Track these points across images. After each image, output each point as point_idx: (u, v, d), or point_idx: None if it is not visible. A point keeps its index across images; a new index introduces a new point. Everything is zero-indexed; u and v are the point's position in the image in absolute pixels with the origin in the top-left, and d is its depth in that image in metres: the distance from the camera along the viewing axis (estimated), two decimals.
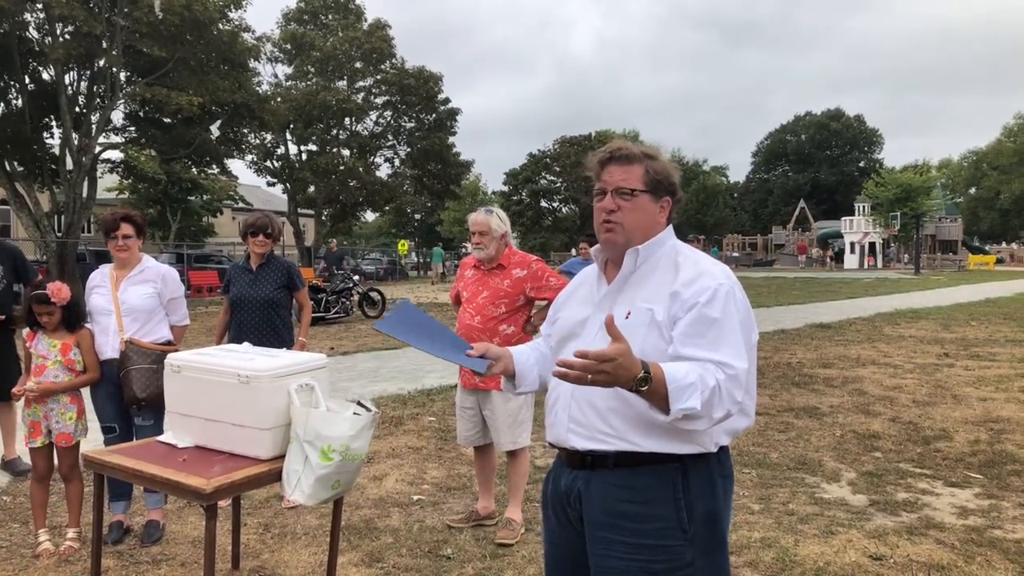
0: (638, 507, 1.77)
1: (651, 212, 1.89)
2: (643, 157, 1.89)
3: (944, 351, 10.30)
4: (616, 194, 1.86)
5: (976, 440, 5.69)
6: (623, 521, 1.78)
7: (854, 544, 3.75)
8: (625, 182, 1.86)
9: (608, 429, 1.79)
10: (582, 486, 1.85)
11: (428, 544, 3.83)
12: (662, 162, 1.91)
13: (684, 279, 1.79)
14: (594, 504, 1.83)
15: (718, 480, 1.84)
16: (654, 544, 1.76)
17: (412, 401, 7.34)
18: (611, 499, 1.80)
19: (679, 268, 1.83)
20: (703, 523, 1.79)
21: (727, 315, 1.73)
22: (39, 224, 20.93)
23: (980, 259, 48.29)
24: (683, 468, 1.78)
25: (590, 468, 1.84)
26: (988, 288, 25.24)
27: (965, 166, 74.29)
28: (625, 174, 1.87)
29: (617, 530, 1.78)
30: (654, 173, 1.88)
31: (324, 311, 15.41)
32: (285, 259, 4.96)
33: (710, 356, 1.68)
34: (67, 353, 3.76)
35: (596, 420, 1.81)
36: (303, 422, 2.63)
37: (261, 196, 47.91)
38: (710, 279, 1.77)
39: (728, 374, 1.67)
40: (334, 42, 35.44)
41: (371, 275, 33.95)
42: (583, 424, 1.83)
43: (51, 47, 19.46)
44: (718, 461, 1.85)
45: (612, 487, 1.80)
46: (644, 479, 1.78)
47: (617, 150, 1.90)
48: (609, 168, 1.89)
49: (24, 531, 4.02)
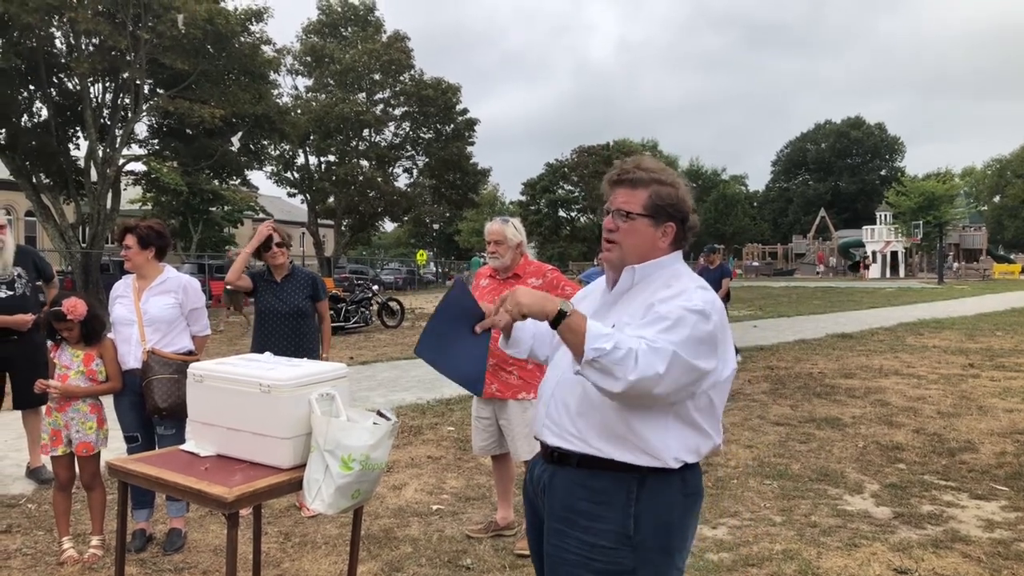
0: (593, 507, 1.86)
1: (648, 236, 1.94)
2: (651, 182, 1.94)
3: (969, 361, 10.15)
4: (616, 215, 1.95)
5: (1002, 452, 5.61)
6: (577, 517, 1.88)
7: (878, 557, 3.70)
8: (626, 205, 1.94)
9: (574, 430, 1.90)
10: (547, 479, 1.98)
11: (447, 554, 3.83)
12: (671, 189, 1.94)
13: (664, 296, 1.85)
14: (555, 497, 1.94)
15: (678, 497, 1.88)
16: (600, 544, 1.84)
17: (431, 411, 7.35)
18: (570, 495, 1.91)
19: (668, 288, 1.89)
20: (651, 535, 1.85)
21: (680, 323, 1.75)
22: (64, 235, 21.23)
23: (1005, 268, 47.64)
24: (640, 479, 1.85)
25: (557, 463, 1.95)
26: (1013, 298, 24.87)
27: (989, 174, 73.41)
28: (628, 197, 1.94)
29: (571, 524, 1.88)
30: (657, 198, 1.93)
31: (344, 320, 15.49)
32: (308, 270, 4.99)
33: (639, 332, 1.76)
34: (90, 364, 3.80)
35: (566, 420, 1.92)
36: (323, 431, 2.64)
37: (281, 207, 48.32)
38: (687, 300, 1.81)
39: (650, 345, 1.70)
40: (353, 54, 35.72)
41: (390, 285, 34.10)
42: (555, 422, 1.94)
43: (76, 61, 19.77)
44: (681, 479, 1.89)
45: (573, 485, 1.91)
46: (601, 482, 1.87)
47: (626, 172, 1.97)
48: (618, 189, 1.97)
49: (49, 539, 4.07)
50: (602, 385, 1.70)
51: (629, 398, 1.73)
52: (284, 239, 4.71)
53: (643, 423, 1.82)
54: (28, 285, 5.10)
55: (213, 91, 22.00)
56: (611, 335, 1.70)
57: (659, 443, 1.83)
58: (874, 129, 70.69)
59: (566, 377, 1.92)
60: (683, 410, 1.84)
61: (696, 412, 1.85)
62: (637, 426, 1.82)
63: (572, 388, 1.91)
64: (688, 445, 1.86)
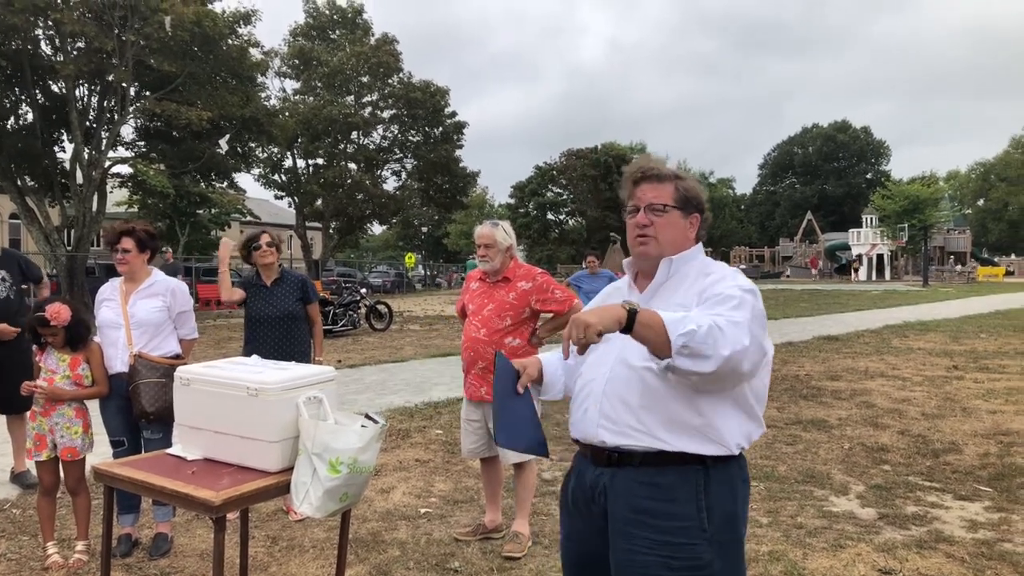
0: (661, 504, 1.83)
1: (681, 227, 2.01)
2: (672, 176, 2.02)
3: (953, 363, 10.25)
4: (649, 210, 1.99)
5: (986, 453, 5.66)
6: (646, 517, 1.84)
7: (863, 558, 3.73)
8: (657, 198, 1.99)
9: (639, 425, 1.86)
10: (607, 481, 1.91)
11: (435, 557, 3.83)
12: (690, 181, 2.04)
13: (712, 280, 1.90)
14: (619, 499, 1.88)
15: (738, 484, 1.91)
16: (675, 541, 1.81)
17: (419, 414, 7.34)
18: (636, 495, 1.86)
19: (708, 276, 1.93)
20: (722, 525, 1.85)
21: (743, 301, 1.79)
22: (49, 238, 21.06)
23: (989, 271, 48.09)
24: (705, 470, 1.85)
25: (616, 465, 1.90)
26: (997, 300, 25.11)
27: (973, 177, 74.15)
28: (657, 191, 2.00)
29: (640, 526, 1.84)
30: (684, 191, 2.01)
31: (332, 324, 15.45)
32: (298, 273, 4.96)
33: (713, 311, 1.75)
34: (76, 368, 3.78)
35: (627, 416, 1.87)
36: (311, 435, 2.64)
37: (269, 209, 48.12)
38: (734, 282, 1.86)
39: (728, 319, 1.71)
40: (341, 57, 35.64)
41: (378, 288, 34.02)
42: (614, 420, 1.89)
43: (62, 63, 19.64)
44: (738, 466, 1.92)
45: (637, 484, 1.86)
46: (668, 478, 1.84)
47: (649, 169, 2.02)
48: (642, 186, 2.02)
49: (34, 543, 4.04)
50: (694, 369, 1.67)
51: (717, 378, 1.70)
52: (275, 240, 4.69)
53: (712, 409, 1.84)
54: (13, 288, 5.07)
55: (200, 93, 21.89)
56: (688, 317, 1.68)
57: (725, 429, 1.85)
58: (860, 133, 71.28)
59: (617, 374, 1.91)
60: (741, 396, 1.87)
61: (752, 397, 1.89)
62: (708, 412, 1.83)
63: (629, 383, 1.88)
64: (744, 431, 1.89)
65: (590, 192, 48.26)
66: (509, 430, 2.00)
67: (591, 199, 48.29)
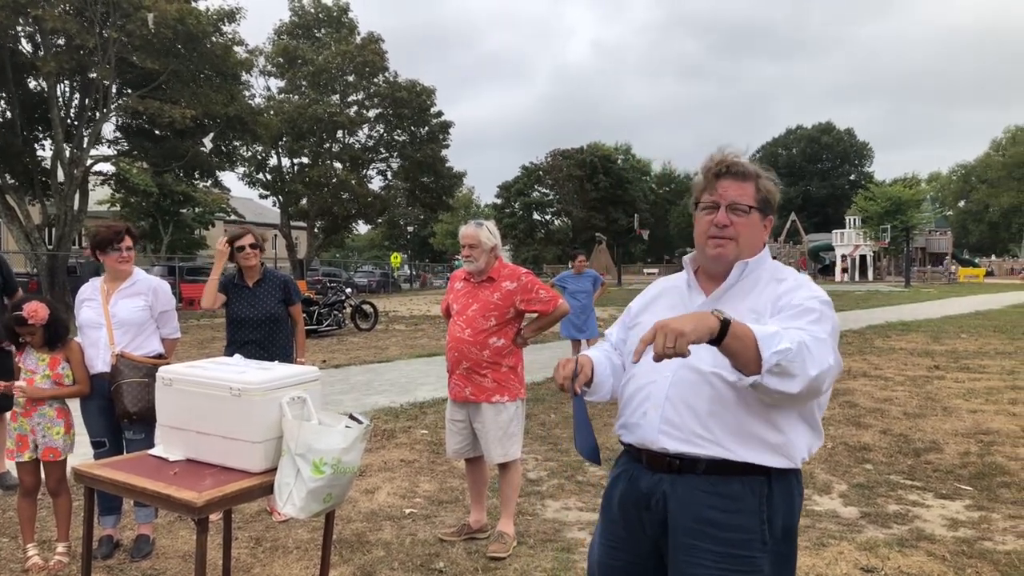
0: (725, 515, 1.77)
1: (759, 230, 1.91)
2: (755, 175, 1.91)
3: (934, 363, 10.34)
4: (730, 210, 1.87)
5: (966, 452, 5.72)
6: (710, 528, 1.77)
7: (845, 556, 3.76)
8: (741, 198, 1.87)
9: (706, 433, 1.78)
10: (668, 489, 1.82)
11: (420, 558, 3.82)
12: (770, 181, 1.93)
13: (788, 288, 1.83)
14: (682, 509, 1.80)
15: (796, 496, 1.86)
16: (737, 553, 1.75)
17: (404, 414, 7.32)
18: (700, 505, 1.78)
19: (781, 283, 1.86)
20: (781, 537, 1.80)
21: (824, 315, 1.73)
22: (29, 237, 20.83)
23: (970, 271, 48.62)
24: (768, 481, 1.79)
25: (677, 472, 1.81)
26: (978, 300, 25.38)
27: (954, 179, 74.94)
28: (740, 190, 1.88)
29: (704, 537, 1.77)
30: (765, 191, 1.91)
31: (316, 324, 15.38)
32: (281, 273, 4.90)
33: (796, 324, 1.67)
34: (56, 367, 3.74)
35: (694, 423, 1.79)
36: (295, 435, 2.63)
37: (253, 208, 47.84)
38: (811, 292, 1.80)
39: (813, 336, 1.63)
40: (327, 56, 35.49)
41: (363, 288, 33.91)
42: (678, 426, 1.80)
43: (43, 60, 19.43)
44: (797, 478, 1.86)
45: (701, 493, 1.79)
46: (733, 487, 1.77)
47: (733, 164, 1.90)
48: (724, 181, 1.89)
49: (13, 545, 3.99)
50: (781, 388, 1.58)
51: (799, 398, 1.64)
52: (259, 241, 4.65)
53: (784, 420, 1.77)
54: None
55: (184, 91, 21.73)
56: (779, 334, 1.59)
57: (794, 443, 1.79)
58: (844, 135, 71.79)
59: (682, 378, 1.81)
60: (808, 408, 1.80)
61: (817, 409, 1.84)
62: (780, 423, 1.77)
63: (696, 389, 1.79)
64: (807, 443, 1.83)
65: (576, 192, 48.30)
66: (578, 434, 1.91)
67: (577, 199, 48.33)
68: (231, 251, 4.56)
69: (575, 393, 1.88)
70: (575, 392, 1.88)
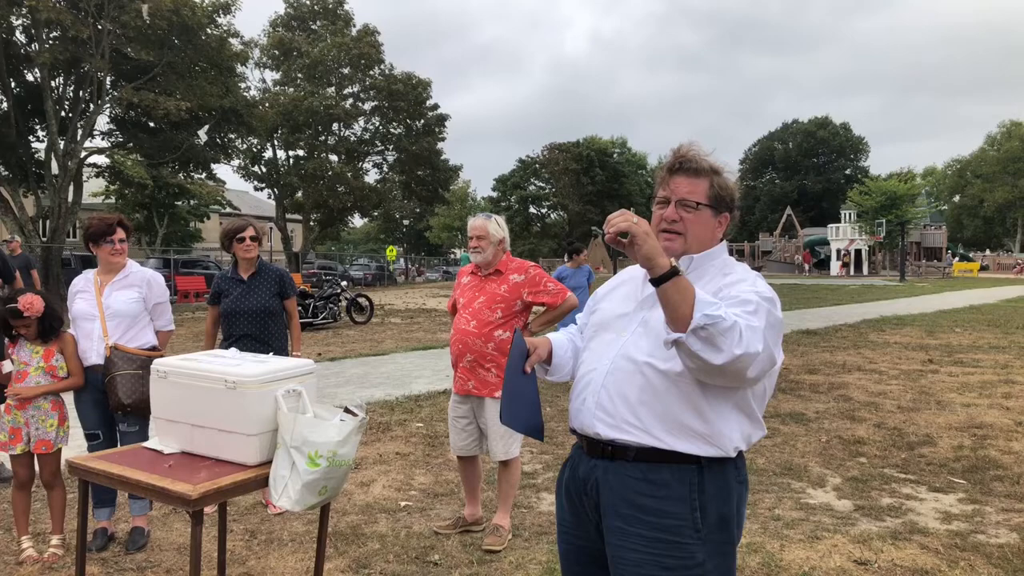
0: (655, 501, 1.80)
1: (710, 226, 1.94)
2: (710, 171, 1.93)
3: (929, 357, 10.38)
4: (679, 205, 1.91)
5: (960, 446, 5.74)
6: (640, 513, 1.81)
7: (839, 549, 3.77)
8: (691, 195, 1.91)
9: (636, 421, 1.82)
10: (600, 475, 1.87)
11: (415, 550, 3.83)
12: (726, 178, 1.95)
13: (731, 281, 1.85)
14: (613, 494, 1.85)
15: (733, 485, 1.87)
16: (668, 539, 1.79)
17: (400, 407, 7.32)
18: (629, 491, 1.83)
19: (727, 276, 1.88)
20: (715, 526, 1.82)
21: (760, 308, 1.74)
22: (24, 229, 20.77)
23: (965, 266, 48.76)
24: (700, 469, 1.81)
25: (610, 458, 1.86)
26: (972, 295, 25.47)
27: (949, 174, 75.07)
28: (692, 187, 1.91)
29: (634, 522, 1.81)
30: (718, 188, 1.93)
31: (312, 316, 15.36)
32: (276, 266, 4.89)
33: (732, 312, 1.69)
34: (49, 360, 3.73)
35: (624, 411, 1.83)
36: (290, 428, 2.63)
37: (249, 201, 47.74)
38: (752, 287, 1.81)
39: (749, 324, 1.66)
40: (322, 48, 35.38)
41: (359, 281, 33.88)
42: (610, 413, 1.85)
43: (37, 51, 19.34)
44: (735, 467, 1.88)
45: (630, 479, 1.83)
46: (662, 475, 1.81)
47: (688, 161, 1.93)
48: (676, 178, 1.93)
49: (7, 538, 3.98)
50: (701, 355, 1.62)
51: (720, 372, 1.66)
52: (259, 234, 4.64)
53: (711, 410, 1.79)
54: None
55: (179, 83, 21.67)
56: (719, 303, 1.63)
57: (723, 431, 1.81)
58: (840, 129, 71.79)
59: (618, 367, 1.86)
60: (743, 398, 1.83)
61: (753, 400, 1.86)
62: (708, 414, 1.79)
63: (630, 377, 1.84)
64: (744, 433, 1.85)
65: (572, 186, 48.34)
66: (512, 409, 1.96)
67: (573, 193, 48.38)
68: (230, 240, 4.55)
69: (524, 372, 1.96)
70: (524, 371, 1.96)
